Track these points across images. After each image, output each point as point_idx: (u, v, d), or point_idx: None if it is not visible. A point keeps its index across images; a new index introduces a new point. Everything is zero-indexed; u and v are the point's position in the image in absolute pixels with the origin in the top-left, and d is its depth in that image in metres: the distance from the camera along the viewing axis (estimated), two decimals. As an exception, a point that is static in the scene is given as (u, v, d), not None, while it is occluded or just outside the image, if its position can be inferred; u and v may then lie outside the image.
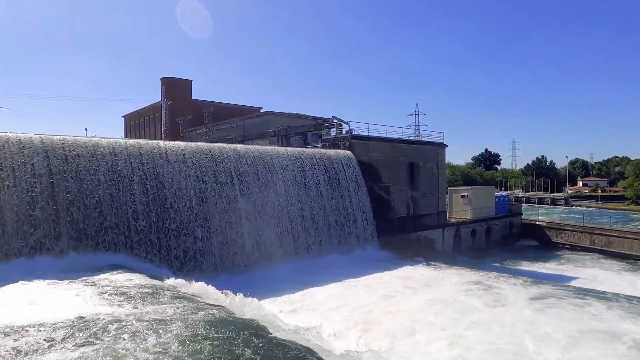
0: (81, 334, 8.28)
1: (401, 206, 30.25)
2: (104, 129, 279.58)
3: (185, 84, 70.87)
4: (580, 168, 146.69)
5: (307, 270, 20.52)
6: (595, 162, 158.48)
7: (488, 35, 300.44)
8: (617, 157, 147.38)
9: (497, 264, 30.96)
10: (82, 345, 7.83)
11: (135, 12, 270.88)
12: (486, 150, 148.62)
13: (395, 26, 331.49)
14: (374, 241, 26.63)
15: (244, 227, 20.84)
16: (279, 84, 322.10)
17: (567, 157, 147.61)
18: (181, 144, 21.91)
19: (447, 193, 37.69)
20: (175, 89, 67.43)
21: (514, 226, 40.77)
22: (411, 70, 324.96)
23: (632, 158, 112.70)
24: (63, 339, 8.06)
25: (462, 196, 37.50)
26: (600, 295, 16.07)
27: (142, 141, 20.39)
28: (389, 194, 29.35)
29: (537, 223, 41.19)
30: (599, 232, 35.59)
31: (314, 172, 24.97)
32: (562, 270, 28.93)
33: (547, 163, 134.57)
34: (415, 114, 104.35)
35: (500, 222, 39.07)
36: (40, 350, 7.60)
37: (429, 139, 35.20)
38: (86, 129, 57.82)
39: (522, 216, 42.71)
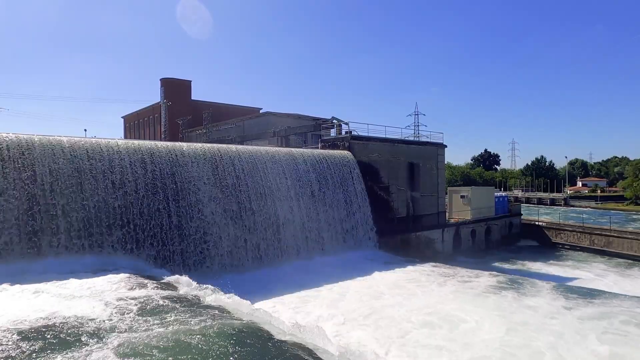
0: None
1: (401, 206, 30.24)
2: (104, 130, 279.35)
3: (185, 85, 70.82)
4: (580, 168, 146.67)
5: (307, 270, 20.51)
6: (594, 163, 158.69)
7: (487, 35, 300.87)
8: (616, 157, 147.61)
9: (498, 264, 30.93)
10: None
11: (135, 12, 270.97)
12: (485, 150, 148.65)
13: (395, 26, 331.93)
14: (374, 241, 26.60)
15: (247, 228, 20.82)
16: (279, 85, 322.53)
17: (566, 157, 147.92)
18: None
19: (446, 193, 37.68)
20: (175, 89, 67.38)
21: (513, 226, 40.76)
22: (411, 71, 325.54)
23: (632, 158, 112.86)
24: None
25: (462, 196, 37.48)
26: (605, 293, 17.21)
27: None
28: (388, 194, 29.33)
29: (537, 223, 41.17)
30: (598, 232, 35.59)
31: (314, 173, 24.93)
32: (563, 271, 28.92)
33: (547, 163, 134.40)
34: (415, 115, 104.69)
35: (499, 223, 39.05)
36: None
37: (428, 140, 35.17)
38: (85, 130, 57.75)
39: (522, 216, 42.71)
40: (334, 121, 33.21)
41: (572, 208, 76.17)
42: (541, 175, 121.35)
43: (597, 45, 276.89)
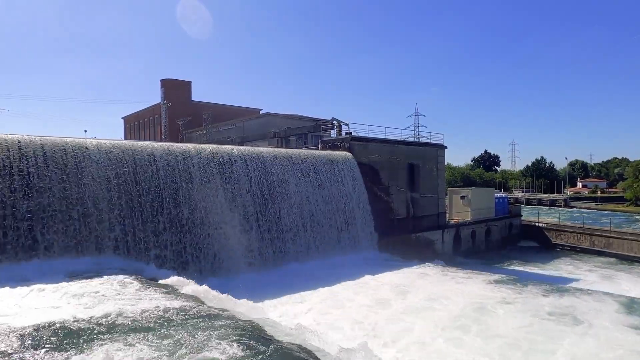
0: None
1: (401, 207, 30.23)
2: (104, 131, 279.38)
3: (185, 86, 70.87)
4: (580, 169, 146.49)
5: (304, 272, 20.47)
6: (594, 164, 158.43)
7: (487, 35, 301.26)
8: (616, 158, 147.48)
9: (499, 266, 30.92)
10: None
11: (135, 12, 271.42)
12: (486, 151, 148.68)
13: (395, 26, 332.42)
14: (374, 242, 26.60)
15: (245, 229, 20.83)
16: (279, 85, 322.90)
17: (566, 158, 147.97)
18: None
19: (446, 194, 37.68)
20: (175, 90, 67.43)
21: (513, 227, 40.75)
22: (411, 71, 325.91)
23: (632, 159, 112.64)
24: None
25: (462, 197, 37.48)
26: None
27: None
28: (388, 195, 29.32)
29: (537, 224, 41.16)
30: (598, 233, 35.59)
31: (314, 174, 24.93)
32: (563, 272, 28.96)
33: (547, 164, 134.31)
34: (415, 115, 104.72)
35: (499, 224, 39.05)
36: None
37: (428, 140, 35.19)
38: (86, 131, 57.76)
39: (522, 217, 42.71)
40: (334, 122, 33.25)
41: (572, 209, 76.08)
42: (541, 176, 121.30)
43: (597, 45, 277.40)
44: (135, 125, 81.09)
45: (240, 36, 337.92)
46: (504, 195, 48.96)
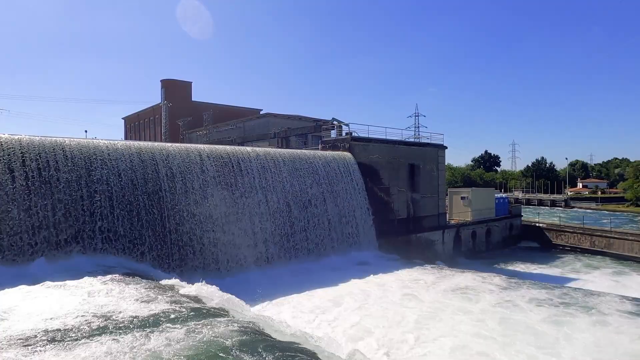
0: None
1: (401, 208, 30.21)
2: (104, 131, 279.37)
3: (185, 86, 70.94)
4: (580, 170, 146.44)
5: (305, 272, 20.45)
6: (595, 164, 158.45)
7: (487, 36, 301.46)
8: (616, 158, 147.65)
9: (502, 266, 30.85)
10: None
11: (136, 12, 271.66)
12: (486, 152, 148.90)
13: (395, 28, 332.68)
14: (374, 243, 26.56)
15: (247, 229, 20.81)
16: (279, 86, 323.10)
17: (566, 158, 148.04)
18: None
19: (447, 195, 37.66)
20: (175, 90, 67.50)
21: (514, 228, 40.74)
22: (411, 72, 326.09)
23: (632, 160, 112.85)
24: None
25: (462, 198, 37.47)
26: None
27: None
28: (389, 196, 29.30)
29: (537, 225, 41.14)
30: (599, 233, 35.56)
31: (314, 174, 24.91)
32: (564, 272, 28.96)
33: (547, 165, 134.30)
34: (415, 116, 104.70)
35: (500, 224, 39.04)
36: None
37: (428, 141, 35.16)
38: (86, 131, 57.87)
39: (522, 218, 42.68)
40: (334, 122, 33.22)
41: (573, 209, 76.04)
42: (541, 176, 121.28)
43: (597, 45, 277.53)
44: (136, 125, 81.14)
45: (240, 36, 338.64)
46: (504, 195, 49.03)
